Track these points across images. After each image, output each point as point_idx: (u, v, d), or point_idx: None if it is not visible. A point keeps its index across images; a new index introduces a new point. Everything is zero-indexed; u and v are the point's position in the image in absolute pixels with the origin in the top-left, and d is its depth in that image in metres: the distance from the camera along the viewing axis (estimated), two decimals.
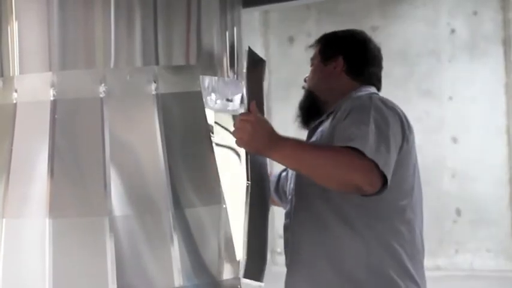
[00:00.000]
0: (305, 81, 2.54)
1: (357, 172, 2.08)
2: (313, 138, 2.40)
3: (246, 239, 2.09)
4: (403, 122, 2.26)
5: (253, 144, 2.10)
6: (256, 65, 2.28)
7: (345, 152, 2.10)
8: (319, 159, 2.11)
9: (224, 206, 2.03)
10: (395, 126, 2.22)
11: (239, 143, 2.11)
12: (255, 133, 2.09)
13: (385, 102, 2.28)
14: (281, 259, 2.41)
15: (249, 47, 2.19)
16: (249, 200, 2.10)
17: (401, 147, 2.23)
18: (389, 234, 2.26)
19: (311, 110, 2.48)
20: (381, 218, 2.26)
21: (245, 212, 2.10)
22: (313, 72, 2.50)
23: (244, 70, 2.19)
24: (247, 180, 2.13)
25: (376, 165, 2.09)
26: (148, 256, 1.96)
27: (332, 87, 2.45)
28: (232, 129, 2.13)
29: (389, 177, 2.12)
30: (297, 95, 2.57)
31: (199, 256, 1.99)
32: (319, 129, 2.40)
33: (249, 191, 2.10)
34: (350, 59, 2.45)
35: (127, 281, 1.92)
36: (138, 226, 1.96)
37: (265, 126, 2.12)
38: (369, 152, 2.09)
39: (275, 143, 2.11)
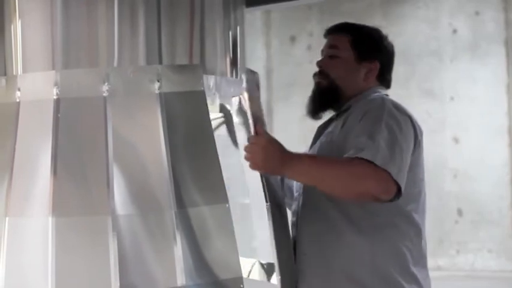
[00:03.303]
0: (319, 66, 2.45)
1: (371, 182, 2.09)
2: (322, 139, 2.40)
3: (277, 260, 2.15)
4: (415, 127, 2.27)
5: (267, 166, 2.13)
6: (253, 83, 2.31)
7: (357, 162, 2.10)
8: (332, 173, 2.13)
9: (227, 205, 2.03)
10: (408, 131, 2.22)
11: (253, 166, 2.14)
12: (268, 155, 2.11)
13: (397, 106, 2.28)
14: None
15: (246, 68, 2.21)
16: (271, 220, 2.16)
17: (413, 152, 2.23)
18: (397, 236, 2.26)
19: (328, 99, 2.42)
20: (388, 221, 2.25)
21: (270, 233, 2.15)
22: (342, 63, 2.41)
23: (246, 94, 2.23)
24: (266, 201, 2.18)
25: (389, 173, 2.09)
26: (151, 255, 1.95)
27: (358, 85, 2.42)
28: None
29: (403, 185, 2.13)
30: (299, 94, 2.58)
31: (202, 255, 1.98)
32: (328, 130, 2.40)
33: (270, 211, 2.16)
34: (384, 66, 2.45)
35: (130, 280, 1.92)
36: (141, 225, 1.96)
37: (276, 146, 2.14)
38: (380, 161, 2.09)
39: (288, 161, 2.13)
